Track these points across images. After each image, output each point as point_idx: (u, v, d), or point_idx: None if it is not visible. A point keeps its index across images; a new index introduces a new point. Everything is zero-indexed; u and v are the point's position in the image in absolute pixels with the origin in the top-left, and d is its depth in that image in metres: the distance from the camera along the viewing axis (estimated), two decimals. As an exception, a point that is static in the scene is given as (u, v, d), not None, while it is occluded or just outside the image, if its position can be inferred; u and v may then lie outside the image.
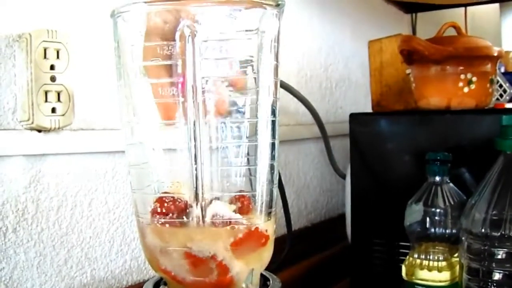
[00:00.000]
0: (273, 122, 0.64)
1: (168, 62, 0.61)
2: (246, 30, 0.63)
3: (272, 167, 0.64)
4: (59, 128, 0.80)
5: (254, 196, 0.63)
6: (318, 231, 1.49)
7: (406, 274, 0.92)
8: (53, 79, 0.79)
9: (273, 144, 0.64)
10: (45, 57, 0.78)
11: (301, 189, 1.47)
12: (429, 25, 2.22)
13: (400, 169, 1.08)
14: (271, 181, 0.65)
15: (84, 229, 0.88)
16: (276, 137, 0.65)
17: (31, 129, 0.79)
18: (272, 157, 0.64)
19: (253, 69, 0.64)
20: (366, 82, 1.47)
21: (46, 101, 0.78)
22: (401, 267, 0.93)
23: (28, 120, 0.78)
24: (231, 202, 0.63)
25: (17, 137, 0.78)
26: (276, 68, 0.64)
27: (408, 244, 0.95)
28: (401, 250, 1.05)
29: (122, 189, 0.93)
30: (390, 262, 1.08)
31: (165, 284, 0.66)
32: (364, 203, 1.14)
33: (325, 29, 1.60)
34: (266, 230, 0.64)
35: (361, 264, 1.14)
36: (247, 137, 0.64)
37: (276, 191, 0.66)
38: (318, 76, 1.56)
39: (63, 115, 0.80)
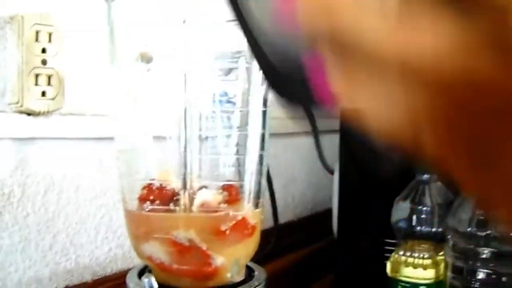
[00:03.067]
0: (264, 113, 0.64)
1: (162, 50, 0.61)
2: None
3: (261, 158, 0.64)
4: (48, 112, 0.80)
5: (242, 186, 0.63)
6: (304, 226, 1.49)
7: (391, 271, 0.92)
8: (44, 62, 0.78)
9: (263, 135, 0.64)
10: (37, 40, 0.77)
11: (289, 183, 1.47)
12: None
13: (389, 166, 1.08)
14: (259, 172, 0.65)
15: (70, 214, 0.87)
16: (267, 127, 0.64)
17: (20, 112, 0.78)
18: (262, 148, 0.64)
19: (245, 59, 0.63)
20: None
21: (36, 84, 0.78)
22: (386, 264, 0.93)
23: (17, 103, 0.77)
24: (219, 192, 0.63)
25: (5, 119, 0.77)
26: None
27: (394, 241, 0.96)
28: (387, 247, 1.05)
29: (109, 176, 0.93)
30: (376, 259, 1.08)
31: (150, 272, 0.66)
32: (352, 199, 1.14)
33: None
34: (253, 221, 0.64)
35: (347, 259, 1.14)
36: (237, 127, 0.64)
37: (264, 182, 0.66)
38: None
39: (53, 99, 0.80)
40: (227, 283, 0.64)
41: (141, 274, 0.65)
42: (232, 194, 0.63)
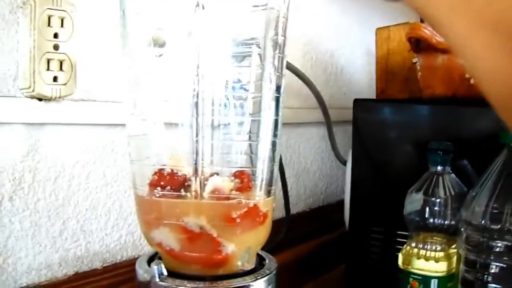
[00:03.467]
0: (277, 99, 0.63)
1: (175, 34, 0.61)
2: (254, 6, 0.62)
3: (274, 145, 0.64)
4: (60, 97, 0.79)
5: (254, 173, 0.63)
6: (316, 216, 1.49)
7: (403, 263, 0.91)
8: (56, 47, 0.78)
9: (276, 121, 0.64)
10: (49, 24, 0.77)
11: (301, 173, 1.46)
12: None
13: (402, 157, 1.07)
14: (272, 159, 0.64)
15: (80, 201, 0.87)
16: (280, 114, 0.64)
17: (32, 97, 0.78)
18: (275, 135, 0.64)
19: (258, 46, 0.63)
20: (371, 70, 1.46)
21: (48, 69, 0.77)
22: (397, 256, 0.93)
23: (29, 88, 0.77)
24: (230, 179, 0.62)
25: (17, 104, 0.77)
26: (284, 44, 0.63)
27: (406, 233, 0.95)
28: (399, 239, 1.05)
29: (120, 163, 0.92)
30: (387, 251, 1.08)
31: (160, 259, 0.65)
32: (364, 190, 1.13)
33: (333, 14, 1.59)
34: (265, 209, 0.63)
35: (358, 251, 1.13)
36: (250, 114, 0.63)
37: (276, 170, 0.65)
38: (324, 61, 1.55)
39: (64, 84, 0.79)
40: (237, 271, 0.63)
41: (150, 261, 0.65)
42: (244, 181, 0.62)
